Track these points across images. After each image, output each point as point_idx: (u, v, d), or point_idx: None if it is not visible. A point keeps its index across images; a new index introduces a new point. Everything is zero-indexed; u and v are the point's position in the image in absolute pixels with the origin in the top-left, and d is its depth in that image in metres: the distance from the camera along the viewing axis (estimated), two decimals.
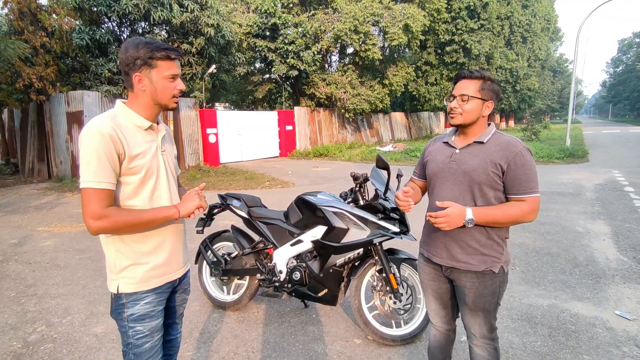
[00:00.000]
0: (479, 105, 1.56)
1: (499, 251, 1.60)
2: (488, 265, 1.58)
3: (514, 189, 1.52)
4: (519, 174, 1.50)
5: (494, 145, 1.56)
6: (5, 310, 3.16)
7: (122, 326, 1.39)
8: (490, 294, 1.61)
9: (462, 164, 1.59)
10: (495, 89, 1.58)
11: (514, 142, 1.55)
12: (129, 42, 1.35)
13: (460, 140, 1.65)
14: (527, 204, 1.51)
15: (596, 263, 3.91)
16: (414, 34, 17.52)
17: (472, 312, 1.66)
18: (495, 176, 1.53)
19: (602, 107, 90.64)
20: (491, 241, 1.58)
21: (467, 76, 1.58)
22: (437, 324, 1.84)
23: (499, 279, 1.61)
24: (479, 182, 1.55)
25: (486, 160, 1.54)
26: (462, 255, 1.61)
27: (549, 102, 42.01)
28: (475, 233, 1.58)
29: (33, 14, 9.58)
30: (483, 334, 1.68)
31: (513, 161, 1.51)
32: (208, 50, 11.43)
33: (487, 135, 1.59)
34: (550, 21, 33.28)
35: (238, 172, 11.28)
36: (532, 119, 19.81)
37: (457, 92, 1.58)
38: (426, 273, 1.79)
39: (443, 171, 1.65)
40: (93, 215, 1.24)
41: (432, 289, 1.79)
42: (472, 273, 1.60)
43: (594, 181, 8.53)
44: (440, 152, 1.70)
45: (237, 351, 2.53)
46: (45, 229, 5.70)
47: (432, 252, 1.72)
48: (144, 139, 1.38)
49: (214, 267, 2.96)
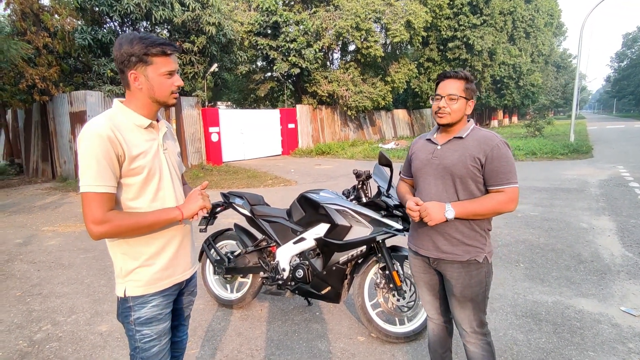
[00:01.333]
0: (463, 104, 1.64)
1: (482, 242, 1.66)
2: (472, 255, 1.65)
3: (492, 180, 1.59)
4: (496, 166, 1.57)
5: (473, 140, 1.63)
6: (11, 309, 3.18)
7: (129, 330, 1.36)
8: (476, 283, 1.66)
9: (443, 159, 1.66)
10: (474, 88, 1.69)
11: (490, 136, 1.62)
12: (122, 37, 1.28)
13: (442, 137, 1.72)
14: (504, 194, 1.58)
15: (601, 259, 3.88)
16: (416, 31, 17.46)
17: (460, 305, 1.70)
18: (474, 169, 1.60)
19: (607, 102, 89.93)
20: (474, 232, 1.65)
21: (453, 76, 1.64)
22: (433, 316, 1.89)
23: (484, 269, 1.67)
24: (459, 175, 1.62)
25: (465, 155, 1.61)
26: (447, 247, 1.67)
27: (553, 98, 41.79)
28: (459, 225, 1.64)
29: (35, 14, 9.61)
30: (474, 329, 1.71)
31: (490, 154, 1.58)
32: (210, 49, 11.43)
33: (467, 130, 1.66)
34: (554, 16, 33.03)
35: (240, 171, 11.30)
36: (536, 114, 19.69)
37: (444, 91, 1.64)
38: (416, 266, 1.85)
39: (426, 167, 1.72)
40: (94, 220, 1.20)
41: (424, 281, 1.85)
42: (458, 263, 1.66)
43: (598, 177, 8.47)
44: (424, 149, 1.77)
45: (240, 349, 2.53)
46: (49, 228, 5.74)
47: (419, 245, 1.78)
48: (144, 138, 1.33)
49: (217, 266, 2.97)
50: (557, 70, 45.53)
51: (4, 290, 3.57)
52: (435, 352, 1.93)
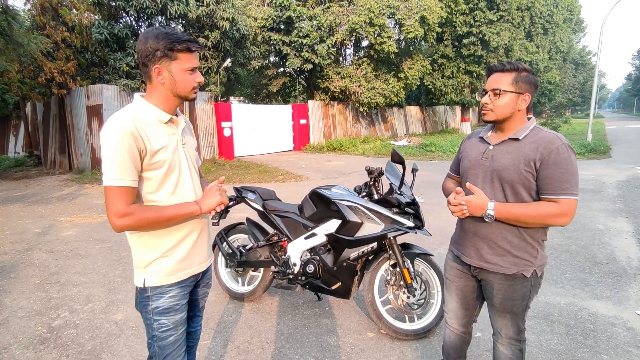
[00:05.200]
0: (513, 99, 1.47)
1: (532, 254, 1.51)
2: (520, 269, 1.50)
3: (546, 188, 1.42)
4: (552, 172, 1.39)
5: (530, 142, 1.46)
6: (31, 297, 3.29)
7: (147, 319, 1.40)
8: (519, 297, 1.54)
9: (494, 161, 1.52)
10: (531, 80, 1.47)
11: (552, 138, 1.43)
12: (148, 32, 1.31)
13: (496, 136, 1.57)
14: (557, 205, 1.39)
15: (617, 261, 3.81)
16: (431, 26, 17.20)
17: (499, 314, 1.61)
18: (528, 175, 1.43)
19: (627, 100, 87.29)
20: (524, 242, 1.49)
21: (499, 69, 1.49)
22: (453, 326, 1.80)
23: (531, 283, 1.53)
24: (510, 181, 1.46)
25: (519, 158, 1.45)
26: (491, 256, 1.54)
27: (570, 96, 40.77)
28: (507, 233, 1.50)
29: (54, 9, 9.81)
30: (509, 335, 1.63)
31: (548, 158, 1.40)
32: (223, 44, 11.50)
33: (525, 131, 1.49)
34: (573, 12, 32.11)
35: (252, 166, 11.37)
36: (552, 113, 19.30)
37: (489, 86, 1.51)
38: (453, 270, 1.74)
39: (475, 168, 1.58)
40: (117, 213, 1.24)
41: (456, 287, 1.73)
42: (502, 275, 1.53)
43: (616, 177, 8.27)
44: (475, 147, 1.63)
45: (251, 341, 2.57)
46: (67, 219, 5.89)
47: (461, 251, 1.67)
48: (164, 133, 1.36)
49: (229, 259, 3.01)
50: (576, 68, 44.37)
51: (24, 277, 3.69)
52: (449, 355, 1.88)
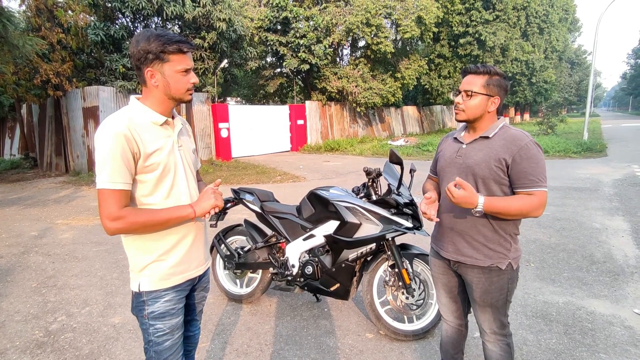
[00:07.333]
0: (483, 101, 1.56)
1: (506, 247, 1.58)
2: (494, 261, 1.58)
3: (520, 182, 1.50)
4: (524, 167, 1.48)
5: (500, 140, 1.55)
6: (28, 300, 3.26)
7: (143, 323, 1.39)
8: (497, 290, 1.61)
9: (467, 158, 1.61)
10: (502, 84, 1.56)
11: (520, 135, 1.53)
12: (139, 34, 1.29)
13: (468, 136, 1.67)
14: (535, 197, 1.48)
15: (614, 260, 3.82)
16: (427, 26, 17.26)
17: (480, 308, 1.67)
18: (499, 170, 1.52)
19: (622, 99, 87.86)
20: (498, 236, 1.57)
21: (473, 71, 1.57)
22: (449, 319, 1.86)
23: (507, 275, 1.60)
24: (482, 176, 1.55)
25: (490, 155, 1.54)
26: (468, 250, 1.62)
27: (566, 95, 40.98)
28: (481, 227, 1.58)
29: (50, 10, 9.76)
30: (493, 330, 1.68)
31: (518, 154, 1.49)
32: (220, 45, 11.48)
33: (494, 129, 1.58)
34: (569, 11, 32.27)
35: (250, 167, 11.35)
36: (549, 112, 19.33)
37: (462, 87, 1.59)
38: (436, 266, 1.82)
39: (450, 166, 1.67)
40: (109, 216, 1.23)
41: (442, 283, 1.81)
42: (478, 268, 1.60)
43: (612, 176, 8.31)
44: (449, 147, 1.73)
45: (250, 343, 2.56)
46: (63, 221, 5.85)
47: (440, 247, 1.74)
48: (159, 135, 1.35)
49: (227, 261, 3.00)
50: (571, 67, 44.59)
51: (21, 281, 3.67)
52: (447, 352, 1.92)
